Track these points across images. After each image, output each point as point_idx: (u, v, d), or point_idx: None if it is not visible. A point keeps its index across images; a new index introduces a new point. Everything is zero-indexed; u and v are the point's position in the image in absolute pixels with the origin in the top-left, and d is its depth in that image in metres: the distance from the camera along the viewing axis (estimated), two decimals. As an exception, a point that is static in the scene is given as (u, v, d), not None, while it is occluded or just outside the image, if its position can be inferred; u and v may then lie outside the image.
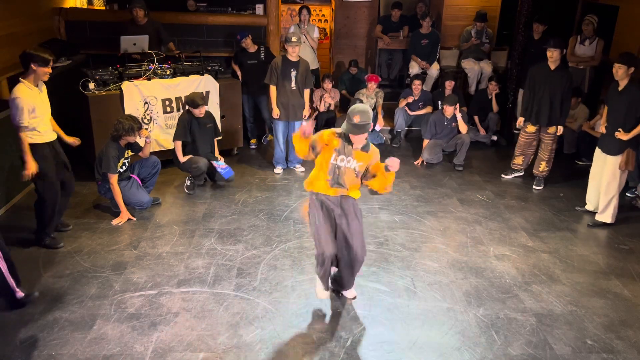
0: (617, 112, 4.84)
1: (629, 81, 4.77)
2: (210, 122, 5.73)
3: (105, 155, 4.81)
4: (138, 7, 6.43)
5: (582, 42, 7.02)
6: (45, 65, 4.08)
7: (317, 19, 9.47)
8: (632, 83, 4.77)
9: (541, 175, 6.00)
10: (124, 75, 5.79)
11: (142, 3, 6.47)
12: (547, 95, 5.63)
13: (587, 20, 6.90)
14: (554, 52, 5.52)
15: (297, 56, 5.85)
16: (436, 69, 8.02)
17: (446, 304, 3.85)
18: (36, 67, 4.06)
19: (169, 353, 3.29)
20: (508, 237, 4.89)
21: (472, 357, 3.35)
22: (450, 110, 6.45)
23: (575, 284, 4.18)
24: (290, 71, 5.83)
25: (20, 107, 4.02)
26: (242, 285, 4.01)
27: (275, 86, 5.89)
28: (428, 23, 7.81)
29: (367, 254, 3.76)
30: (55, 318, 3.58)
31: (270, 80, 5.90)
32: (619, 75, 4.77)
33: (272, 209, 5.28)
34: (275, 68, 5.84)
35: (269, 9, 7.26)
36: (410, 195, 5.70)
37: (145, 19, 6.54)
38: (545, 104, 5.66)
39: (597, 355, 3.40)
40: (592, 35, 6.93)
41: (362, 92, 7.25)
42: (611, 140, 4.89)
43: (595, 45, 6.95)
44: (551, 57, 5.56)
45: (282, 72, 5.83)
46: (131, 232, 4.78)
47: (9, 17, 5.93)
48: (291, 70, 5.83)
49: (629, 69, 4.71)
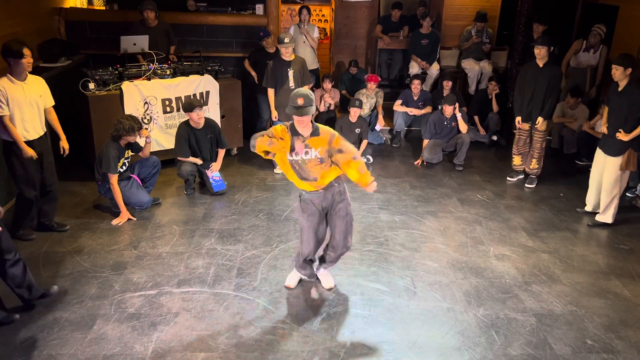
0: (617, 113, 4.84)
1: (628, 82, 4.77)
2: (211, 131, 5.59)
3: (105, 155, 4.80)
4: (149, 9, 6.44)
5: (587, 50, 6.99)
6: (20, 57, 4.03)
7: (317, 19, 9.48)
8: (631, 84, 4.77)
9: (533, 173, 6.01)
10: (124, 75, 5.80)
11: (153, 5, 6.47)
12: (538, 92, 5.67)
13: (595, 31, 6.87)
14: (541, 49, 5.56)
15: (291, 55, 5.85)
16: (436, 69, 8.02)
17: (446, 304, 3.85)
18: (12, 61, 4.05)
19: (169, 353, 3.29)
20: (508, 237, 4.89)
21: (472, 357, 3.35)
22: (449, 110, 6.46)
23: (575, 284, 4.18)
24: (287, 71, 5.83)
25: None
26: (242, 285, 4.01)
27: (273, 89, 5.90)
28: (428, 23, 7.81)
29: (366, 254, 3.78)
30: (55, 318, 3.58)
31: (267, 83, 5.92)
32: (617, 77, 4.79)
33: (272, 209, 5.28)
34: (270, 70, 5.85)
35: (269, 9, 7.27)
36: (410, 195, 5.70)
37: (155, 21, 6.55)
38: (535, 102, 5.69)
39: (597, 355, 3.40)
40: (597, 44, 6.93)
41: (362, 92, 7.25)
42: (612, 141, 4.89)
43: (598, 55, 6.95)
44: (538, 54, 5.59)
45: (278, 73, 5.83)
46: (131, 232, 4.78)
47: (9, 17, 5.93)
48: (287, 70, 5.83)
49: (626, 70, 4.73)
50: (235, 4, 8.21)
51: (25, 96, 4.20)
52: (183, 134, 5.42)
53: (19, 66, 4.08)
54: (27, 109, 4.23)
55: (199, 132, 5.48)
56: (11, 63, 4.07)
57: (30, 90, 4.24)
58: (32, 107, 4.27)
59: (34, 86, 4.29)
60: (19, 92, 4.15)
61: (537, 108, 5.72)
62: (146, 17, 6.46)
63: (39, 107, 4.34)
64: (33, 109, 4.28)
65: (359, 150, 6.24)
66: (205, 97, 6.20)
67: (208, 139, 5.60)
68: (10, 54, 4.03)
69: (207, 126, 5.55)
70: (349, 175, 3.56)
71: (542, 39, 5.63)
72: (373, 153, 6.75)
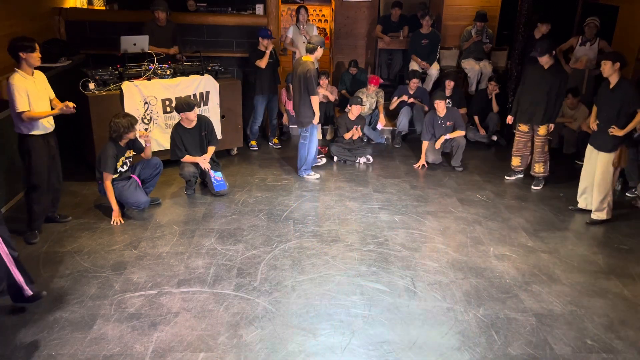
0: (609, 110, 4.88)
1: (619, 79, 4.83)
2: (205, 129, 5.56)
3: (104, 154, 4.82)
4: (160, 9, 6.51)
5: (584, 44, 7.03)
6: (33, 50, 4.17)
7: (317, 19, 9.48)
8: (622, 80, 4.85)
9: (539, 176, 6.01)
10: (124, 75, 5.80)
11: (165, 5, 6.55)
12: (541, 95, 5.66)
13: (592, 23, 6.90)
14: (541, 59, 5.62)
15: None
16: (436, 69, 8.02)
17: (446, 304, 3.85)
18: (25, 55, 4.15)
19: (169, 353, 3.29)
20: (508, 237, 4.89)
21: (472, 357, 3.35)
22: (441, 105, 6.40)
23: (575, 284, 4.18)
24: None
25: (17, 93, 4.12)
26: (242, 285, 4.01)
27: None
28: (428, 23, 7.80)
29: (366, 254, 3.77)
30: (55, 318, 3.58)
31: (315, 91, 5.76)
32: (606, 72, 4.84)
33: (272, 209, 5.28)
34: (315, 77, 5.74)
35: (269, 9, 7.26)
36: (410, 195, 5.70)
37: (165, 22, 6.61)
38: (539, 103, 5.70)
39: (597, 355, 3.40)
40: (593, 37, 6.94)
41: (362, 91, 7.27)
42: (603, 137, 4.93)
43: (596, 47, 6.96)
44: (541, 61, 5.65)
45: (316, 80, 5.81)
46: (131, 232, 4.78)
47: (9, 17, 5.93)
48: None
49: (614, 64, 4.77)
50: (235, 4, 8.21)
51: (37, 90, 4.31)
52: (175, 136, 5.43)
53: (30, 60, 4.18)
54: (39, 103, 4.34)
55: (191, 131, 5.48)
56: (23, 58, 4.15)
57: (39, 84, 4.37)
58: (43, 101, 4.39)
59: (40, 80, 4.41)
60: (32, 87, 4.25)
61: (539, 111, 5.71)
62: (157, 17, 6.52)
63: (48, 100, 4.46)
64: (44, 102, 4.40)
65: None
66: (205, 97, 6.20)
67: (202, 137, 5.57)
68: (23, 49, 4.12)
69: (201, 124, 5.53)
70: None
71: (541, 47, 5.60)
72: (373, 153, 6.75)
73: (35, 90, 4.28)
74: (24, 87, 4.17)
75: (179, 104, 5.38)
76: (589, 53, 7.00)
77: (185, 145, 5.46)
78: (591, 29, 6.90)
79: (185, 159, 5.47)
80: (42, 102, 4.37)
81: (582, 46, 7.04)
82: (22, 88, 4.15)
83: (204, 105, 6.18)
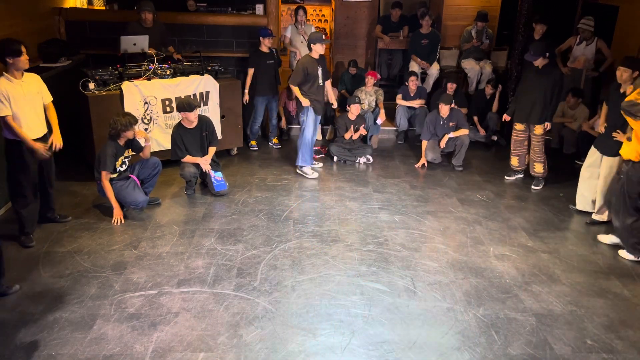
0: (617, 114, 4.84)
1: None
2: (206, 130, 5.56)
3: (103, 153, 4.83)
4: (147, 10, 6.42)
5: (581, 44, 7.03)
6: (19, 54, 4.06)
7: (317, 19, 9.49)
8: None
9: (539, 176, 6.01)
10: (124, 75, 5.80)
11: (152, 7, 6.47)
12: (535, 93, 5.68)
13: (583, 26, 6.93)
14: (535, 61, 5.63)
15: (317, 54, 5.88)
16: (436, 69, 8.02)
17: (446, 304, 3.85)
18: (12, 60, 4.06)
19: (169, 353, 3.29)
20: (508, 237, 4.89)
21: (472, 357, 3.35)
22: (445, 109, 6.41)
23: (575, 284, 4.18)
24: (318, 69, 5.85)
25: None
26: (242, 285, 4.01)
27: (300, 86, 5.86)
28: (428, 23, 7.80)
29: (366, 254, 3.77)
30: (55, 318, 3.58)
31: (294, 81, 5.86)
32: (623, 79, 4.75)
33: (272, 209, 5.28)
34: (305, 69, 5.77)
35: (269, 9, 7.27)
36: (410, 195, 5.70)
37: (152, 23, 6.54)
38: (535, 103, 5.71)
39: (597, 355, 3.40)
40: (590, 37, 6.94)
41: (362, 90, 7.27)
42: (609, 141, 4.90)
43: (594, 47, 6.97)
44: (535, 63, 5.66)
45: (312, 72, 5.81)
46: (131, 232, 4.78)
47: (9, 17, 5.93)
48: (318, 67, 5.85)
49: (633, 73, 4.68)
50: (235, 4, 8.21)
51: (24, 94, 4.21)
52: (176, 136, 5.43)
53: (17, 64, 4.09)
54: (27, 107, 4.24)
55: (192, 131, 5.48)
56: (9, 62, 4.07)
57: (28, 88, 4.25)
58: (32, 105, 4.28)
59: (31, 83, 4.30)
60: (18, 91, 4.16)
61: (535, 111, 5.72)
62: (144, 18, 6.44)
63: (39, 105, 4.36)
64: (33, 107, 4.29)
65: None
66: (205, 97, 6.20)
67: (203, 137, 5.56)
68: (9, 53, 4.03)
69: (201, 124, 5.52)
70: None
71: (534, 50, 5.60)
72: (373, 153, 6.75)
73: (21, 93, 4.16)
74: (5, 91, 4.05)
75: (180, 103, 5.40)
76: (587, 53, 7.00)
77: (186, 145, 5.46)
78: (585, 32, 6.92)
79: (186, 160, 5.47)
80: (29, 106, 4.24)
81: (579, 46, 7.05)
82: (4, 93, 4.04)
83: (204, 105, 6.18)
